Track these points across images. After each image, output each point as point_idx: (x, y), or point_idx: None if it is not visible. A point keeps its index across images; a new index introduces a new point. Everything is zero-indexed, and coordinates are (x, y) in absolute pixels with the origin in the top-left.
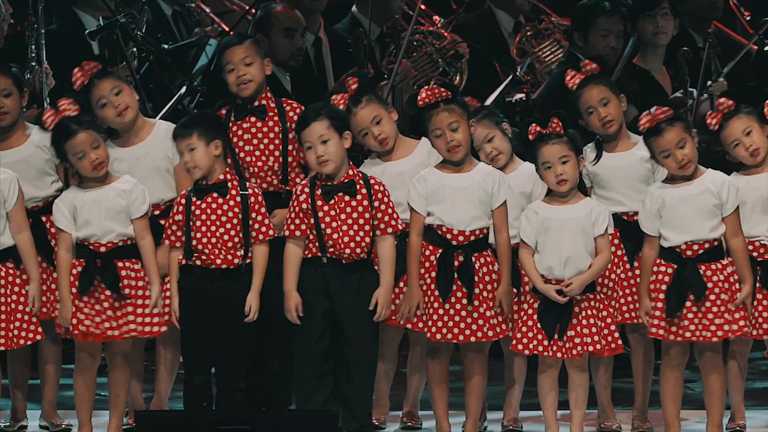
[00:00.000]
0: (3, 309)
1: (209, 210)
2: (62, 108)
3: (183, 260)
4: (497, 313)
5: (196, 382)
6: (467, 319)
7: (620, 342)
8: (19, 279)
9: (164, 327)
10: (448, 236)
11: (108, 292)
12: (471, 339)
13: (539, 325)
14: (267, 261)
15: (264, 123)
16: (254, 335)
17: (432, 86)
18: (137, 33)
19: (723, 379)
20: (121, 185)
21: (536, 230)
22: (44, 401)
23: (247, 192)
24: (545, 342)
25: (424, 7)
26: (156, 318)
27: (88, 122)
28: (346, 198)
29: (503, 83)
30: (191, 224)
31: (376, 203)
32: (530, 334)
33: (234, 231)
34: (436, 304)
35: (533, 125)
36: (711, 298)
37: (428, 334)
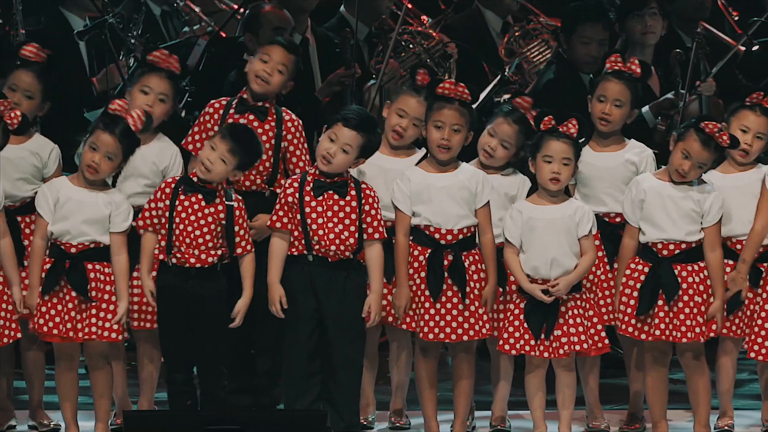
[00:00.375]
0: None
1: (191, 209)
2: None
3: (162, 256)
4: (486, 311)
5: (177, 380)
6: (459, 318)
7: (607, 341)
8: None
9: (123, 335)
10: (437, 236)
11: (74, 293)
12: (464, 338)
13: (526, 325)
14: (255, 267)
15: (261, 124)
16: (232, 334)
17: (458, 83)
18: (128, 33)
19: (707, 379)
20: (110, 196)
21: (521, 230)
22: (31, 402)
23: (233, 204)
24: (532, 342)
25: (412, 7)
26: (116, 326)
27: (129, 137)
28: (336, 197)
29: (491, 83)
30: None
31: (366, 207)
32: (517, 334)
33: (210, 236)
34: (427, 304)
35: (548, 117)
36: (684, 299)
37: (420, 334)
